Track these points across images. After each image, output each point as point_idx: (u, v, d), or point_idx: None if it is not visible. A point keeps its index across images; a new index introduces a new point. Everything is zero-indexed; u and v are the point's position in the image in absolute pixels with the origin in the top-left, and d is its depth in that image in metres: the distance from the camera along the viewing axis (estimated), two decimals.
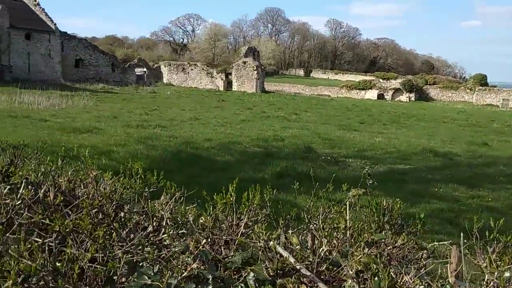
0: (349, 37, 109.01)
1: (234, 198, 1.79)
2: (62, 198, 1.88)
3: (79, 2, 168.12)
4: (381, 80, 50.64)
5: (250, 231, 1.76)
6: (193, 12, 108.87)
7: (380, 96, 47.94)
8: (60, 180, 2.26)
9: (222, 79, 45.31)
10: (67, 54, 37.56)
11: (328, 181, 4.50)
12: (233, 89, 44.31)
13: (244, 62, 44.66)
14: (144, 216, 2.18)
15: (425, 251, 2.04)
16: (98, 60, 40.52)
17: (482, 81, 50.25)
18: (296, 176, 7.91)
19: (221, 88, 44.47)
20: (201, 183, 7.22)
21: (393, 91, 48.05)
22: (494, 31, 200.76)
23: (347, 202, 1.82)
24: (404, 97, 47.23)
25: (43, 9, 35.88)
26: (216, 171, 8.35)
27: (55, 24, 35.57)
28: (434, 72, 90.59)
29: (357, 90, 49.47)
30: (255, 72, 44.00)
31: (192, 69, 46.84)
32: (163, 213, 1.86)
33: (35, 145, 7.23)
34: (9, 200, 1.79)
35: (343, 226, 1.69)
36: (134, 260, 1.58)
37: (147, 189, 2.38)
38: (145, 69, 45.90)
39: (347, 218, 1.74)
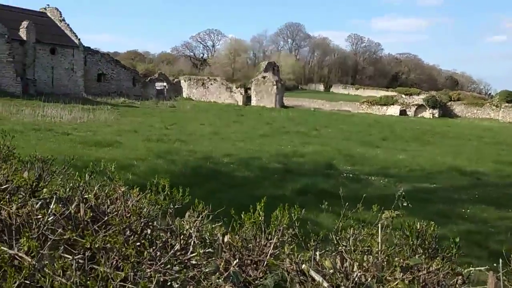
0: (370, 52, 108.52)
1: (263, 218, 1.76)
2: (91, 214, 1.89)
3: (103, 18, 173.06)
4: (403, 96, 49.96)
5: (278, 252, 1.72)
6: (213, 28, 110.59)
7: (403, 112, 47.27)
8: (88, 196, 2.28)
9: (241, 94, 45.62)
10: (89, 68, 38.56)
11: (350, 199, 4.40)
12: (252, 104, 44.52)
13: (264, 77, 44.92)
14: (170, 233, 2.17)
15: (460, 277, 1.95)
16: (119, 75, 41.46)
17: (508, 97, 48.92)
18: (318, 193, 7.81)
19: (240, 103, 44.74)
20: (221, 198, 7.21)
21: (416, 107, 47.32)
22: None
23: (379, 224, 1.76)
24: (427, 114, 46.42)
25: (68, 25, 37.11)
26: (235, 187, 8.32)
27: (79, 39, 36.67)
28: (458, 88, 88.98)
29: (379, 106, 48.92)
30: (275, 87, 44.17)
31: (211, 84, 47.38)
32: (190, 231, 1.84)
33: (62, 159, 7.35)
34: (40, 216, 1.80)
35: (376, 249, 1.63)
36: (162, 279, 1.56)
37: (172, 206, 2.38)
38: (165, 84, 46.68)
39: (379, 240, 1.68)
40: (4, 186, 2.27)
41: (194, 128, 18.87)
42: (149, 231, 2.04)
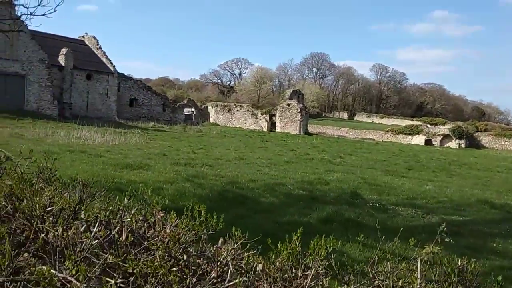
0: (395, 82, 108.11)
1: (300, 248, 1.78)
2: (131, 238, 1.96)
3: (137, 46, 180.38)
4: (428, 126, 49.13)
5: (314, 284, 1.73)
6: (241, 57, 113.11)
7: (428, 142, 46.40)
8: (127, 219, 2.36)
9: (266, 120, 46.00)
10: (122, 94, 40.02)
11: (377, 229, 4.34)
12: (277, 130, 44.75)
13: (289, 104, 45.26)
14: (204, 260, 2.21)
15: None
16: (150, 100, 42.77)
17: None
18: (343, 222, 7.72)
19: (265, 129, 45.06)
20: (247, 224, 7.21)
21: (441, 137, 46.40)
22: None
23: (418, 259, 1.76)
24: (453, 144, 45.39)
25: (104, 52, 38.85)
26: (261, 213, 8.32)
27: (114, 66, 38.24)
28: (485, 119, 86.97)
29: (404, 135, 48.24)
30: (299, 114, 44.36)
31: (237, 110, 48.07)
32: (228, 259, 1.88)
33: (96, 180, 7.57)
34: (85, 239, 1.89)
35: (416, 286, 1.62)
36: None
37: (205, 231, 2.43)
38: (193, 109, 47.71)
39: (418, 276, 1.67)
40: (49, 208, 2.39)
41: (220, 153, 19.08)
42: (185, 257, 2.09)
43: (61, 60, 33.61)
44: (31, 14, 5.64)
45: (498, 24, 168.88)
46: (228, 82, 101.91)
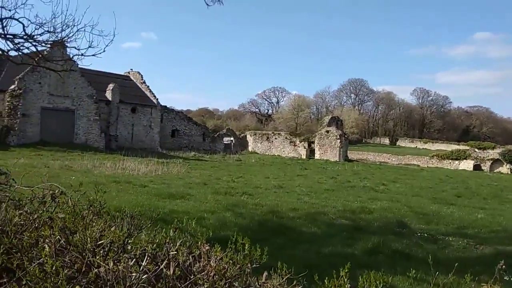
0: (438, 106, 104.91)
1: (348, 285, 1.73)
2: (178, 272, 1.99)
3: (178, 79, 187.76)
4: (476, 150, 46.89)
5: None
6: (278, 85, 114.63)
7: (477, 167, 44.11)
8: (173, 252, 2.40)
9: (304, 148, 45.75)
10: (165, 125, 41.50)
11: (426, 261, 4.12)
12: (316, 157, 44.30)
13: (327, 131, 44.88)
14: None
15: None
16: (191, 130, 44.02)
17: None
18: (390, 253, 7.39)
19: (304, 156, 44.74)
20: (289, 255, 7.08)
21: (491, 161, 44.00)
22: None
23: None
24: (504, 169, 42.85)
25: (148, 86, 40.71)
26: (303, 243, 8.14)
27: (157, 99, 39.88)
28: None
29: (450, 160, 46.21)
30: (338, 140, 43.79)
31: (276, 138, 48.23)
32: None
33: (141, 210, 7.75)
34: (134, 273, 1.93)
35: None
36: None
37: (249, 265, 2.42)
38: (232, 138, 48.44)
39: None
40: (100, 242, 2.48)
41: (259, 181, 19.08)
42: None
43: (108, 95, 35.54)
44: (82, 55, 6.04)
45: None
46: (266, 111, 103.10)
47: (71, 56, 6.59)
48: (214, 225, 8.45)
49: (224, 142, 47.35)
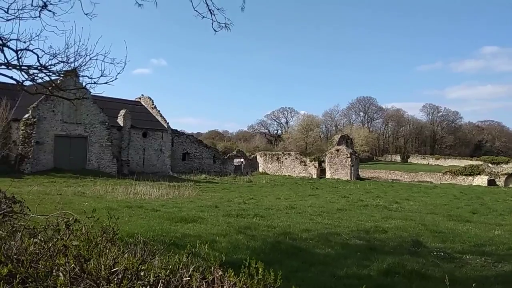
0: (448, 121, 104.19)
1: None
2: None
3: (188, 103, 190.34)
4: (490, 165, 46.18)
5: None
6: (287, 106, 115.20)
7: (491, 182, 43.36)
8: (186, 278, 2.41)
9: (315, 167, 45.57)
10: (176, 149, 41.84)
11: (444, 281, 4.04)
12: (327, 177, 44.04)
13: (337, 150, 44.73)
14: None
15: None
16: (202, 153, 44.27)
17: None
18: (407, 274, 7.23)
19: (314, 176, 44.53)
20: (303, 278, 6.98)
21: (505, 176, 43.24)
22: None
23: None
24: None
25: (159, 111, 41.28)
26: (317, 265, 8.02)
27: (167, 123, 40.36)
28: None
29: (464, 176, 45.53)
30: (349, 159, 43.57)
31: (286, 158, 48.18)
32: None
33: (153, 235, 7.76)
34: None
35: None
36: None
37: None
38: (242, 160, 48.51)
39: None
40: (114, 269, 2.50)
41: (271, 202, 18.99)
42: None
43: (120, 120, 36.09)
44: (94, 83, 6.20)
45: None
46: (276, 131, 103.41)
47: (84, 85, 6.76)
48: (226, 248, 8.39)
49: (235, 164, 47.43)
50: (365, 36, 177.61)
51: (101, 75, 6.12)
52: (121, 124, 36.04)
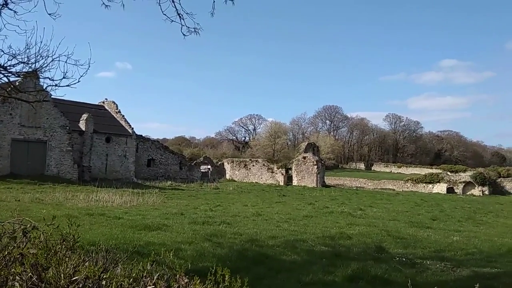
0: (410, 131, 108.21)
1: None
2: None
3: (154, 108, 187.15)
4: (449, 173, 48.30)
5: None
6: (254, 113, 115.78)
7: (450, 190, 45.30)
8: (150, 287, 2.34)
9: (282, 174, 45.92)
10: (140, 155, 40.91)
11: (406, 286, 4.15)
12: (293, 184, 44.47)
13: (304, 157, 45.32)
14: None
15: None
16: (167, 159, 43.52)
17: None
18: (370, 279, 7.38)
19: (282, 183, 44.84)
20: (269, 285, 6.98)
21: (463, 184, 45.32)
22: None
23: None
24: (476, 191, 44.18)
25: (123, 116, 40.32)
26: (283, 272, 8.04)
27: (132, 128, 39.46)
28: (507, 164, 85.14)
29: (424, 184, 47.33)
30: (315, 166, 44.23)
31: (253, 165, 48.28)
32: None
33: (116, 243, 7.53)
34: None
35: None
36: None
37: None
38: (209, 166, 48.14)
39: None
40: (74, 278, 2.39)
41: (238, 209, 18.92)
42: None
43: (82, 125, 34.93)
44: (56, 85, 5.96)
45: (508, 69, 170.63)
46: (243, 138, 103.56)
47: (44, 87, 6.48)
48: (192, 256, 8.26)
49: (202, 171, 46.97)
50: (330, 47, 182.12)
51: (63, 77, 5.89)
52: (83, 129, 34.89)
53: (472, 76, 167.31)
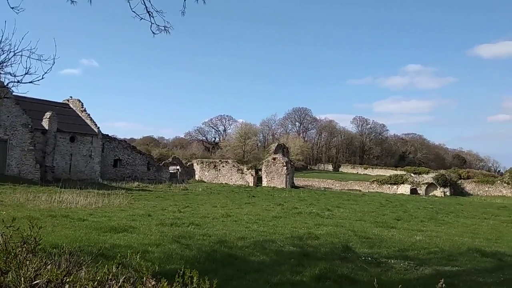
0: (376, 133, 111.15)
1: None
2: None
3: (122, 107, 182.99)
4: (412, 175, 49.93)
5: None
6: (225, 114, 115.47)
7: (413, 191, 46.87)
8: None
9: (252, 175, 46.02)
10: (106, 155, 39.85)
11: (371, 284, 4.25)
12: (263, 185, 44.67)
13: (274, 158, 45.61)
14: None
15: None
16: (135, 160, 42.61)
17: None
18: (337, 279, 7.52)
19: (251, 184, 44.94)
20: (238, 286, 6.97)
21: (426, 185, 47.03)
22: None
23: None
24: (438, 192, 45.95)
25: (88, 114, 39.15)
26: (252, 273, 8.05)
27: (98, 128, 38.38)
28: (467, 166, 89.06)
29: (389, 185, 48.75)
30: (285, 167, 44.61)
31: (223, 166, 48.11)
32: None
33: (79, 246, 7.31)
34: None
35: None
36: None
37: None
38: (178, 167, 47.56)
39: None
40: (35, 282, 2.30)
41: (207, 211, 18.80)
42: None
43: (45, 123, 33.63)
44: (18, 82, 5.72)
45: (469, 75, 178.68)
46: (213, 139, 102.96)
47: (5, 83, 6.20)
48: (159, 258, 8.13)
49: (170, 171, 46.32)
50: (299, 49, 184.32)
51: (26, 73, 5.67)
52: (46, 128, 33.59)
53: (436, 81, 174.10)
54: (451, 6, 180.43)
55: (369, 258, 9.76)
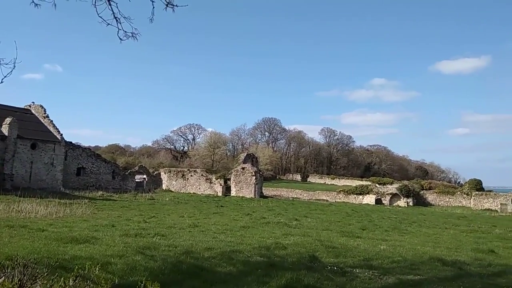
0: (343, 144, 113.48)
1: None
2: None
3: (86, 114, 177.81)
4: (377, 185, 51.31)
5: None
6: (194, 122, 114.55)
7: (378, 201, 48.05)
8: None
9: (220, 185, 45.75)
10: (69, 163, 38.51)
11: None
12: (232, 194, 44.47)
13: (243, 168, 45.57)
14: None
15: None
16: (99, 168, 41.38)
17: (477, 186, 50.97)
18: None
19: (220, 194, 44.65)
20: None
21: (390, 196, 48.33)
22: (483, 138, 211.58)
23: None
24: (402, 202, 47.32)
25: (51, 121, 37.75)
26: (218, 284, 7.94)
27: (61, 135, 37.05)
28: (429, 177, 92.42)
29: (355, 195, 49.76)
30: (254, 177, 44.64)
31: (191, 175, 47.57)
32: None
33: (37, 258, 6.99)
34: None
35: None
36: None
37: None
38: (144, 176, 46.58)
39: None
40: None
41: (173, 221, 18.47)
42: None
43: (4, 129, 32.15)
44: None
45: (430, 89, 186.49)
46: (182, 148, 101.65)
47: None
48: (122, 270, 7.87)
49: (136, 180, 45.29)
50: (269, 61, 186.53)
51: None
52: (6, 134, 32.10)
53: (399, 94, 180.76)
54: (415, 21, 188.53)
55: (335, 268, 9.86)
